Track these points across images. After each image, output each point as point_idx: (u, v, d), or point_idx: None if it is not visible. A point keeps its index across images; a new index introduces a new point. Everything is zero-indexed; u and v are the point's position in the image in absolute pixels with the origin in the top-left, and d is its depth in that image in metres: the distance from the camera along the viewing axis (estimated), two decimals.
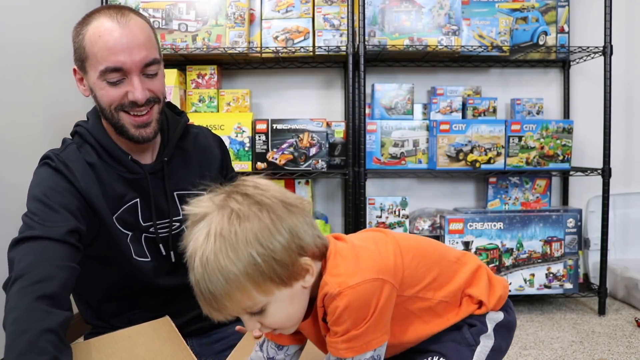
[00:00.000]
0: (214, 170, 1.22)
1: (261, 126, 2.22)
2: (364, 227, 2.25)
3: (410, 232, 2.37)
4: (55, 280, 0.90)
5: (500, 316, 0.94)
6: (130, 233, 1.11)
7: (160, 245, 1.13)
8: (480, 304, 0.92)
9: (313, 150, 2.21)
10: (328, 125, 2.26)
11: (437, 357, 0.90)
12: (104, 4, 2.18)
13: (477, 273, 0.94)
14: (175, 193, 1.15)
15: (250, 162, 2.21)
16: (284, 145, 2.21)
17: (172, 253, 1.14)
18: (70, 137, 1.12)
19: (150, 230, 1.13)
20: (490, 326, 0.92)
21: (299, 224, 0.76)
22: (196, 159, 1.19)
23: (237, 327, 1.15)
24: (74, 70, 1.08)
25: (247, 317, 0.78)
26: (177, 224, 1.16)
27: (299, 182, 2.40)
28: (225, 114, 2.31)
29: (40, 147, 1.75)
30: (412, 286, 0.86)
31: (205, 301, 0.75)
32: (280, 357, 0.94)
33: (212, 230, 0.73)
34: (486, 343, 0.92)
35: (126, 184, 1.09)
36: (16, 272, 0.90)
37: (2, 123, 1.60)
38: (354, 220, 2.31)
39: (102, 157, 1.08)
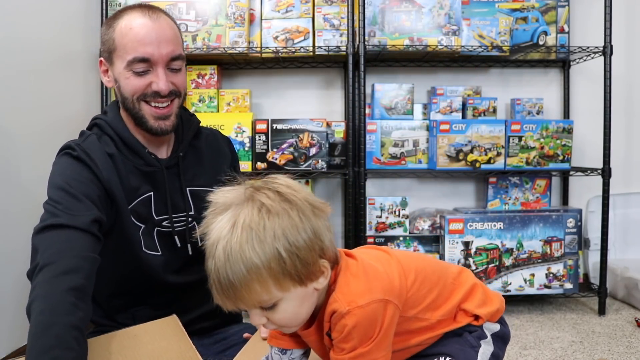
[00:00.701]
0: (225, 169, 1.24)
1: (261, 126, 2.22)
2: (364, 227, 2.25)
3: (410, 232, 2.37)
4: (81, 272, 0.91)
5: (496, 327, 0.96)
6: (143, 226, 1.12)
7: (176, 237, 1.14)
8: (475, 317, 0.94)
9: (313, 150, 2.21)
10: (328, 125, 2.26)
11: (443, 358, 0.91)
12: (104, 3, 2.18)
13: (472, 290, 0.96)
14: (188, 189, 1.17)
15: (250, 162, 2.21)
16: (284, 145, 2.21)
17: (189, 246, 1.16)
18: (88, 130, 1.15)
19: (164, 224, 1.14)
20: (489, 333, 0.95)
21: (322, 227, 0.78)
22: (208, 158, 1.22)
23: (245, 335, 1.16)
24: (100, 61, 1.13)
25: (258, 311, 0.78)
26: (190, 219, 1.17)
27: (299, 182, 2.40)
28: (225, 114, 2.31)
29: (48, 142, 1.76)
30: (413, 307, 0.87)
31: (221, 290, 0.75)
32: None
33: (240, 221, 0.74)
34: (487, 347, 0.94)
35: (141, 177, 1.11)
36: (42, 260, 0.91)
37: (7, 121, 1.60)
38: (354, 220, 2.31)
39: (119, 148, 1.11)
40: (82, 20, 2.11)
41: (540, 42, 2.34)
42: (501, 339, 0.97)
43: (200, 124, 1.25)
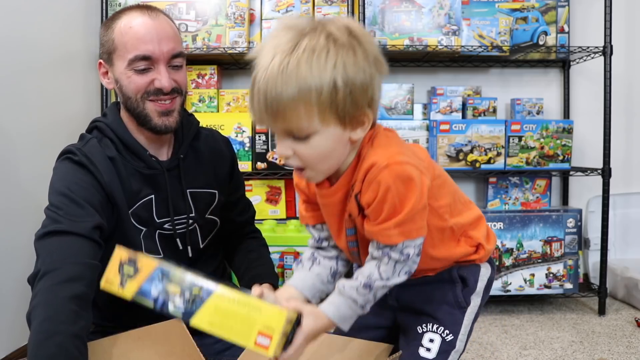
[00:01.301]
0: (225, 170, 1.25)
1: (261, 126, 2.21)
2: None
3: None
4: (83, 280, 0.92)
5: (489, 271, 0.98)
6: (144, 229, 1.12)
7: (178, 240, 1.15)
8: (477, 247, 0.95)
9: None
10: None
11: (431, 324, 0.92)
12: (104, 3, 2.18)
13: (480, 220, 0.97)
14: (188, 191, 1.16)
15: (250, 162, 2.21)
16: None
17: (189, 248, 1.16)
18: (88, 133, 1.14)
19: (165, 226, 1.14)
20: (482, 285, 0.96)
21: (379, 80, 0.78)
22: (208, 159, 1.21)
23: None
24: (99, 63, 1.12)
25: (289, 141, 0.77)
26: (191, 221, 1.17)
27: None
28: (225, 114, 2.31)
29: (48, 143, 1.75)
30: (434, 199, 0.86)
31: (264, 103, 0.73)
32: (324, 235, 0.93)
33: (303, 44, 0.72)
34: (475, 302, 0.95)
35: (142, 180, 1.10)
36: (44, 266, 0.91)
37: (6, 120, 1.60)
38: None
39: (120, 151, 1.10)
40: (82, 20, 2.11)
41: (540, 42, 2.34)
42: (489, 284, 0.98)
43: (199, 125, 1.25)
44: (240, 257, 1.28)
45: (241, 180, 1.33)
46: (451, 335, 0.92)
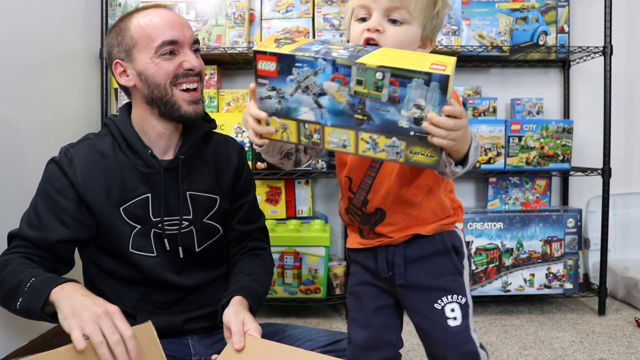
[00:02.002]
0: (228, 176, 1.23)
1: None
2: None
3: None
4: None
5: (463, 235, 1.11)
6: (138, 226, 1.13)
7: (166, 240, 1.15)
8: (455, 210, 1.08)
9: None
10: None
11: (446, 297, 1.02)
12: (103, 4, 2.19)
13: (453, 191, 1.12)
14: (188, 193, 1.17)
15: (250, 162, 2.21)
16: None
17: (180, 249, 1.16)
18: (103, 127, 1.20)
19: (160, 225, 1.15)
20: (466, 249, 1.08)
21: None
22: (212, 164, 1.22)
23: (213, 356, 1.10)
24: (115, 65, 1.13)
25: (382, 19, 0.92)
26: (186, 223, 1.17)
27: (299, 182, 2.40)
28: (225, 114, 2.31)
29: (47, 142, 1.75)
30: None
31: None
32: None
33: None
34: (466, 264, 1.07)
35: (140, 178, 1.12)
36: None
37: (6, 120, 1.60)
38: None
39: (122, 148, 1.13)
40: (82, 19, 2.11)
41: (540, 42, 2.34)
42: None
43: (215, 129, 1.25)
44: (232, 275, 1.23)
45: (249, 188, 1.30)
46: (463, 297, 1.03)
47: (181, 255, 1.17)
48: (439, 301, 1.02)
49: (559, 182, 2.61)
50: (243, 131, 2.22)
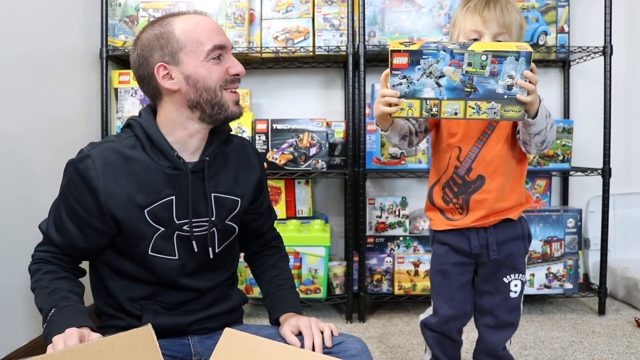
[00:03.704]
0: (252, 180, 1.25)
1: (261, 126, 2.22)
2: (364, 227, 2.25)
3: (410, 232, 2.37)
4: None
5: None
6: (162, 229, 1.12)
7: (194, 242, 1.15)
8: (527, 197, 1.33)
9: (313, 150, 2.21)
10: (328, 125, 2.26)
11: (514, 274, 1.32)
12: (103, 4, 2.19)
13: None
14: (213, 194, 1.17)
15: None
16: (284, 145, 2.21)
17: (209, 250, 1.17)
18: (125, 127, 1.18)
19: (184, 228, 1.14)
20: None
21: None
22: (235, 166, 1.22)
23: None
24: (158, 68, 1.10)
25: (490, 39, 1.23)
26: (210, 224, 1.17)
27: (299, 182, 2.40)
28: None
29: (47, 142, 1.76)
30: None
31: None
32: None
33: None
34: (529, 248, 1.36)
35: (166, 180, 1.11)
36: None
37: (5, 119, 1.60)
38: (354, 220, 2.31)
39: (146, 150, 1.12)
40: (82, 20, 2.11)
41: (540, 42, 2.33)
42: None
43: (231, 132, 1.27)
44: (261, 272, 1.34)
45: (268, 191, 1.36)
46: (525, 276, 1.34)
47: (211, 256, 1.18)
48: (508, 276, 1.31)
49: (559, 182, 2.61)
50: (243, 131, 2.22)
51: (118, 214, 1.08)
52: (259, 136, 2.21)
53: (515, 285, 1.32)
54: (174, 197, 1.12)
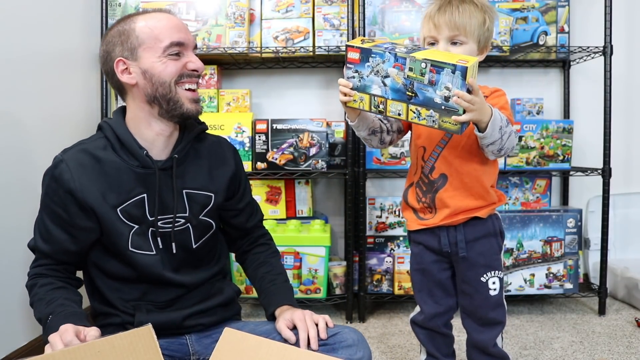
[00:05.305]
0: (225, 176, 1.27)
1: (261, 126, 2.22)
2: (364, 227, 2.25)
3: None
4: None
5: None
6: (136, 226, 1.16)
7: (159, 238, 1.17)
8: (499, 196, 1.35)
9: (313, 150, 2.21)
10: (328, 125, 2.26)
11: (490, 272, 1.34)
12: (103, 4, 2.19)
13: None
14: (184, 191, 1.20)
15: (250, 162, 2.21)
16: (284, 145, 2.21)
17: (173, 245, 1.19)
18: (97, 130, 1.23)
19: (158, 224, 1.17)
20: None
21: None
22: (208, 162, 1.25)
23: None
24: (117, 62, 1.15)
25: (446, 44, 1.24)
26: (182, 220, 1.19)
27: (299, 182, 2.40)
28: (225, 114, 2.31)
29: (47, 141, 1.76)
30: None
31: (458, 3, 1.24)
32: None
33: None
34: (502, 244, 1.39)
35: (136, 179, 1.15)
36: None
37: (6, 119, 1.60)
38: (354, 220, 2.30)
39: (116, 150, 1.15)
40: (82, 19, 2.11)
41: (540, 42, 2.33)
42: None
43: (207, 130, 1.30)
44: (252, 270, 1.35)
45: (248, 188, 1.36)
46: (501, 272, 1.36)
47: (174, 251, 1.19)
48: (484, 275, 1.33)
49: (559, 182, 2.61)
50: (243, 131, 2.22)
51: (95, 211, 1.12)
52: (259, 136, 2.21)
53: (494, 283, 1.34)
54: (145, 195, 1.16)
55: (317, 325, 1.12)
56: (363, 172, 2.18)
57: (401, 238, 2.33)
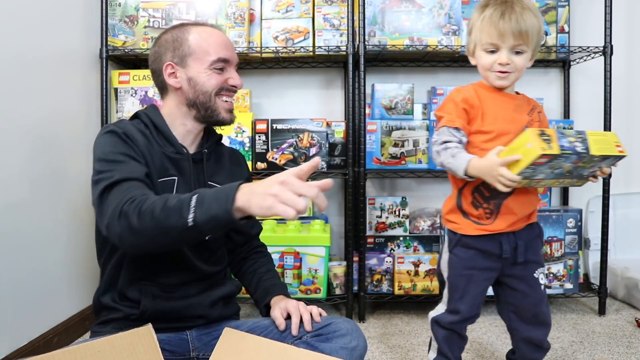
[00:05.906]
0: (243, 179, 1.33)
1: (261, 126, 2.22)
2: (364, 227, 2.25)
3: (410, 232, 2.37)
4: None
5: None
6: None
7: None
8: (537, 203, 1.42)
9: (313, 150, 2.21)
10: (328, 125, 2.26)
11: (539, 268, 1.38)
12: (103, 4, 2.19)
13: None
14: (209, 182, 1.28)
15: (250, 162, 2.21)
16: (284, 145, 2.21)
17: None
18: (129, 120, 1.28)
19: None
20: None
21: None
22: (229, 164, 1.37)
23: None
24: (166, 66, 1.26)
25: (509, 53, 1.27)
26: None
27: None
28: None
29: (47, 141, 1.76)
30: None
31: (522, 12, 1.25)
32: None
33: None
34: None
35: (169, 162, 1.23)
36: (118, 205, 1.03)
37: (5, 119, 1.60)
38: (354, 220, 2.30)
39: (153, 135, 1.24)
40: (82, 19, 2.11)
41: (541, 42, 2.33)
42: None
43: (222, 138, 1.42)
44: (249, 273, 1.41)
45: None
46: (546, 266, 1.35)
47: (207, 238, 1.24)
48: (536, 271, 1.38)
49: None
50: (243, 131, 2.22)
51: (150, 169, 1.17)
52: (259, 136, 2.21)
53: (542, 277, 1.39)
54: (176, 178, 1.23)
55: (311, 314, 1.18)
56: (363, 172, 2.18)
57: (401, 238, 2.33)
